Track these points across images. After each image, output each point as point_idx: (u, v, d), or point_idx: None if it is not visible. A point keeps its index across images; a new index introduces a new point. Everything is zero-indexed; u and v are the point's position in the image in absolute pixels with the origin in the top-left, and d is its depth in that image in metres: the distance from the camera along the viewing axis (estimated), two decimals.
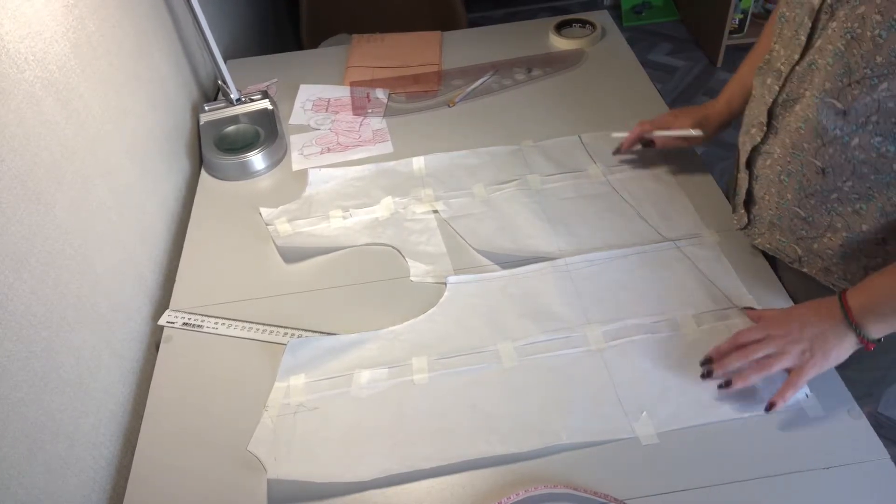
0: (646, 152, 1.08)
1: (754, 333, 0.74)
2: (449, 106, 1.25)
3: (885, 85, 0.63)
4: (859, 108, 0.66)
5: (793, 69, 0.73)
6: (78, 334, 0.76)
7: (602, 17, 1.44)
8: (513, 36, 1.43)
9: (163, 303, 0.97)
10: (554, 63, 1.33)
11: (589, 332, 0.83)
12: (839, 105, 0.67)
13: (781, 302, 0.84)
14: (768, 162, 0.81)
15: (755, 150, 0.83)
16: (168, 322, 0.90)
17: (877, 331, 0.68)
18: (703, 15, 2.76)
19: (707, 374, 0.74)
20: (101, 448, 0.77)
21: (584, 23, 1.42)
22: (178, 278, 0.97)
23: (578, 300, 0.87)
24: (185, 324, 0.90)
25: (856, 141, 0.68)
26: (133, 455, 0.77)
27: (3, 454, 0.61)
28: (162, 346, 0.88)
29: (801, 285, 0.85)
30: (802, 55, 0.72)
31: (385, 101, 1.28)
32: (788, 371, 0.71)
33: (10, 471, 0.62)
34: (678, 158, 1.07)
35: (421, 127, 1.21)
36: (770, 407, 0.71)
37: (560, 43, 1.38)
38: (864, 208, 0.73)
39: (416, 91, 1.30)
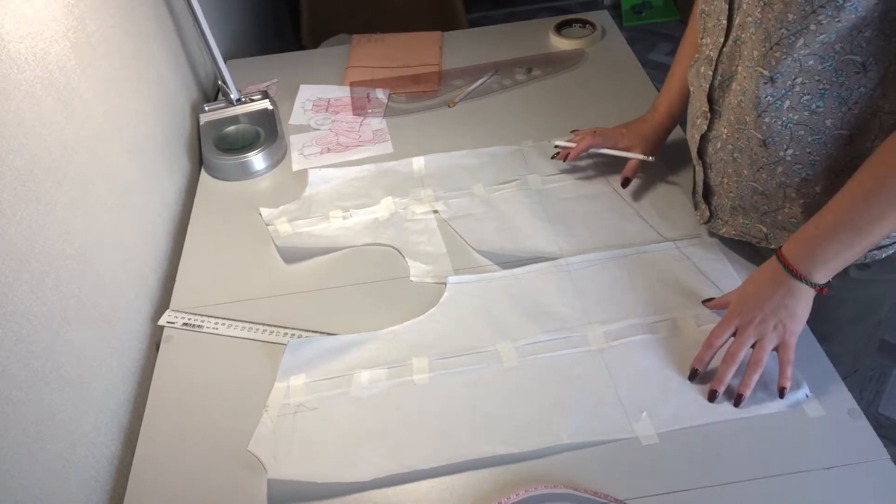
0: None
1: (724, 332, 0.76)
2: (449, 106, 1.25)
3: (801, 41, 0.65)
4: (784, 71, 0.69)
5: (721, 51, 0.76)
6: (78, 334, 0.76)
7: (602, 17, 1.44)
8: (513, 36, 1.43)
9: (163, 303, 0.97)
10: (554, 63, 1.33)
11: (589, 333, 0.83)
12: (766, 73, 0.70)
13: None
14: (718, 145, 0.82)
15: (704, 139, 0.84)
16: (168, 322, 0.91)
17: (822, 276, 0.71)
18: None
19: (712, 397, 0.75)
20: (101, 448, 0.77)
21: (584, 23, 1.42)
22: (178, 278, 0.97)
23: (579, 300, 0.87)
24: (185, 324, 0.90)
25: (787, 104, 0.70)
26: (133, 455, 0.77)
27: (3, 454, 0.61)
28: (162, 346, 0.88)
29: None
30: (727, 36, 0.74)
31: (385, 101, 1.28)
32: (775, 349, 0.74)
33: (11, 470, 0.62)
34: (678, 158, 1.07)
35: (421, 127, 1.21)
36: (781, 392, 0.73)
37: (560, 43, 1.38)
38: (812, 174, 0.74)
39: (417, 91, 1.30)
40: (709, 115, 0.81)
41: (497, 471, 0.72)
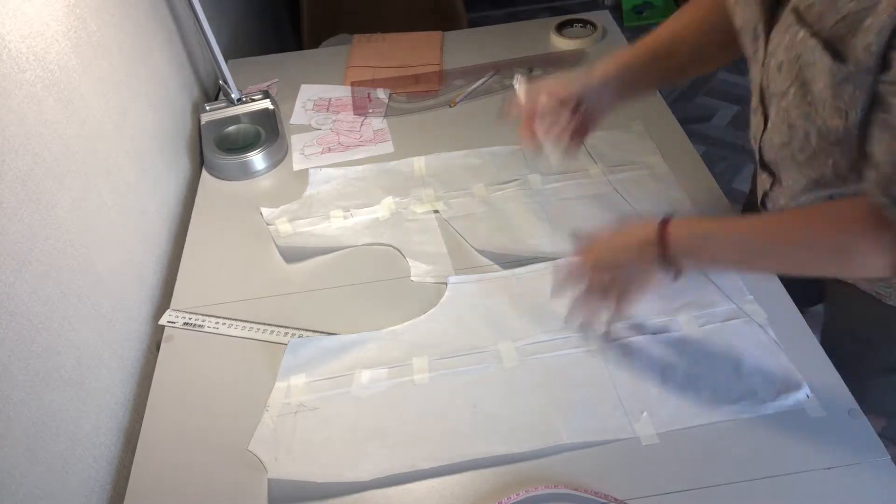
0: (645, 149, 1.08)
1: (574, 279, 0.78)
2: (450, 106, 1.25)
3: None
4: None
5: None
6: (79, 334, 0.76)
7: (603, 17, 1.43)
8: (513, 36, 1.43)
9: (164, 302, 0.97)
10: (555, 63, 1.33)
11: (590, 332, 0.83)
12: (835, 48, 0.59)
13: (780, 301, 0.84)
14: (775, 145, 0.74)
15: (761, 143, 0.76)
16: (169, 322, 0.91)
17: (687, 268, 0.70)
18: None
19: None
20: (101, 447, 0.77)
21: (584, 23, 1.41)
22: (178, 278, 0.97)
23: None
24: (185, 323, 0.90)
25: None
26: (133, 454, 0.77)
27: (3, 454, 0.61)
28: (163, 345, 0.88)
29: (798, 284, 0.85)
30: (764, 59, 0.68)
31: (386, 101, 1.28)
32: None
33: (11, 470, 0.62)
34: (678, 159, 1.07)
35: (422, 127, 1.21)
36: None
37: (561, 43, 1.38)
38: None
39: (417, 91, 1.30)
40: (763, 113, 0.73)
41: (497, 471, 0.72)
